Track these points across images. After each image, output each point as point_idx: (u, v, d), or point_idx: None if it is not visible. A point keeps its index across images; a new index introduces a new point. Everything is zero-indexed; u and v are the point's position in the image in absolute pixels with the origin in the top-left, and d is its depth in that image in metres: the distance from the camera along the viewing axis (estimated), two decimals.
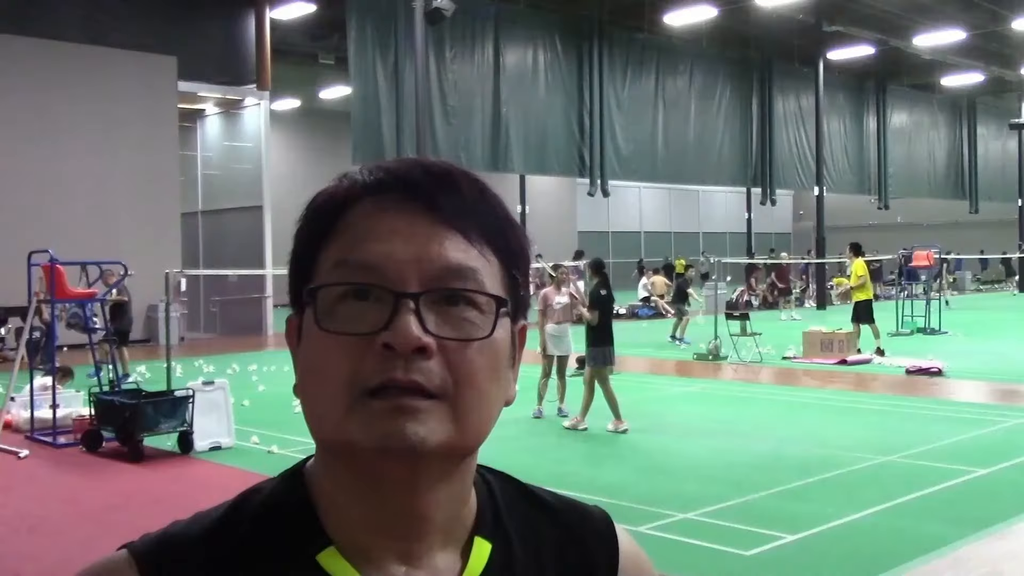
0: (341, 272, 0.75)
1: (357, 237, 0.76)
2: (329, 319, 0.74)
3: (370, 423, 0.72)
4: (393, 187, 0.77)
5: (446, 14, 18.66)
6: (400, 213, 0.76)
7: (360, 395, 0.72)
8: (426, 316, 0.73)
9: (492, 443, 2.87)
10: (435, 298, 0.74)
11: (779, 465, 8.19)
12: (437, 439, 0.72)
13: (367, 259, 0.74)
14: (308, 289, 0.76)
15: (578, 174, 25.70)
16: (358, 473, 0.75)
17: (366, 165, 0.81)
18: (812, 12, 26.61)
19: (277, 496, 0.80)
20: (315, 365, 0.75)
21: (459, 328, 0.74)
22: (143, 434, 8.75)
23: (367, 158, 20.16)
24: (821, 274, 28.28)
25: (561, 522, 0.88)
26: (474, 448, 0.78)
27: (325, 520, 0.78)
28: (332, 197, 0.79)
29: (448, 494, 0.77)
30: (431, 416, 0.72)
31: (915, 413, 10.80)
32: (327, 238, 0.77)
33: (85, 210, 18.78)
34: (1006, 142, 39.69)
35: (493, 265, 0.77)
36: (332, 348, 0.73)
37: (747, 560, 5.71)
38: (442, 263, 0.74)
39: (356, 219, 0.77)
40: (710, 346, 15.96)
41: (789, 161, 30.31)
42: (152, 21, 20.18)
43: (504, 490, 0.87)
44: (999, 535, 6.13)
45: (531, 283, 29.71)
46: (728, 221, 47.32)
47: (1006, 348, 17.11)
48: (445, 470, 0.76)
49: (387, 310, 0.72)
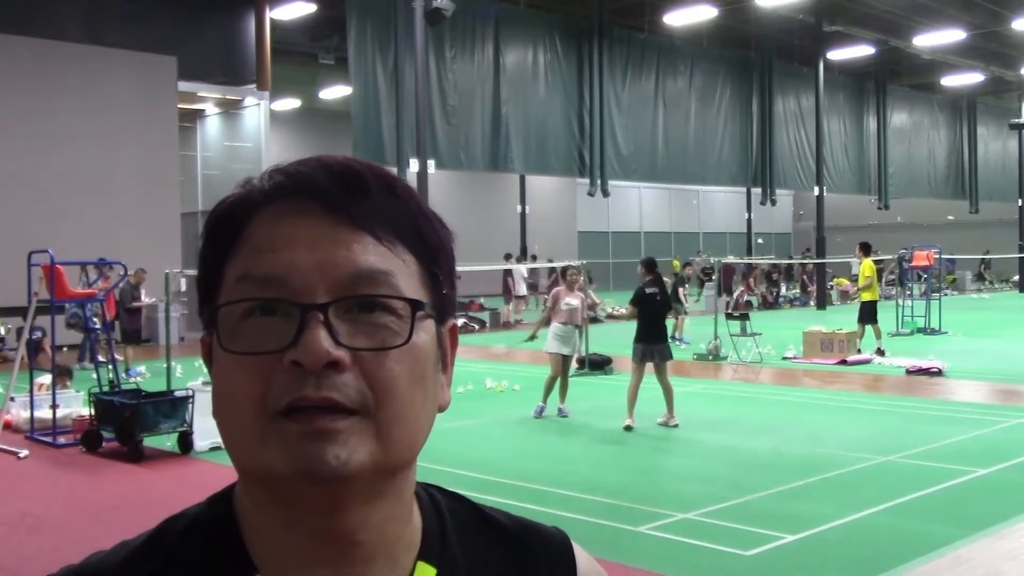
0: (244, 288, 0.70)
1: (258, 248, 0.71)
2: (233, 339, 0.69)
3: (286, 448, 0.67)
4: (293, 191, 0.72)
5: (446, 14, 18.65)
6: (302, 219, 0.71)
7: (272, 419, 0.67)
8: (337, 327, 0.68)
9: (491, 444, 2.88)
10: (346, 307, 0.69)
11: (779, 465, 8.19)
12: (359, 459, 0.67)
13: (269, 271, 0.69)
14: (209, 308, 0.71)
15: (578, 174, 25.70)
16: (279, 499, 0.70)
17: (266, 170, 0.76)
18: (812, 12, 26.62)
19: (201, 522, 0.76)
20: (224, 389, 0.70)
21: (375, 336, 0.69)
22: (143, 434, 8.75)
23: (367, 158, 19.73)
24: (821, 274, 28.28)
25: (516, 544, 0.84)
26: (404, 464, 0.72)
27: (251, 546, 0.73)
28: (231, 208, 0.74)
29: (381, 516, 0.72)
30: (351, 435, 0.67)
31: (915, 413, 10.80)
32: (230, 252, 0.72)
33: (85, 210, 18.77)
34: (1006, 142, 39.70)
35: (409, 265, 0.72)
36: (239, 370, 0.68)
37: (747, 560, 5.71)
38: (350, 268, 0.69)
39: (257, 229, 0.72)
40: (710, 346, 15.96)
41: (789, 161, 30.31)
42: (152, 21, 20.17)
43: (454, 512, 0.82)
44: (999, 535, 6.12)
45: (528, 282, 29.51)
46: (728, 221, 47.32)
47: (1006, 348, 17.12)
48: (373, 491, 0.71)
49: (294, 324, 0.67)
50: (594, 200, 29.18)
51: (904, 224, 42.88)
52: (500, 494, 7.21)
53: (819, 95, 28.61)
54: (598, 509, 6.82)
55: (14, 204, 17.96)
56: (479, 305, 25.61)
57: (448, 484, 0.86)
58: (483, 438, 9.61)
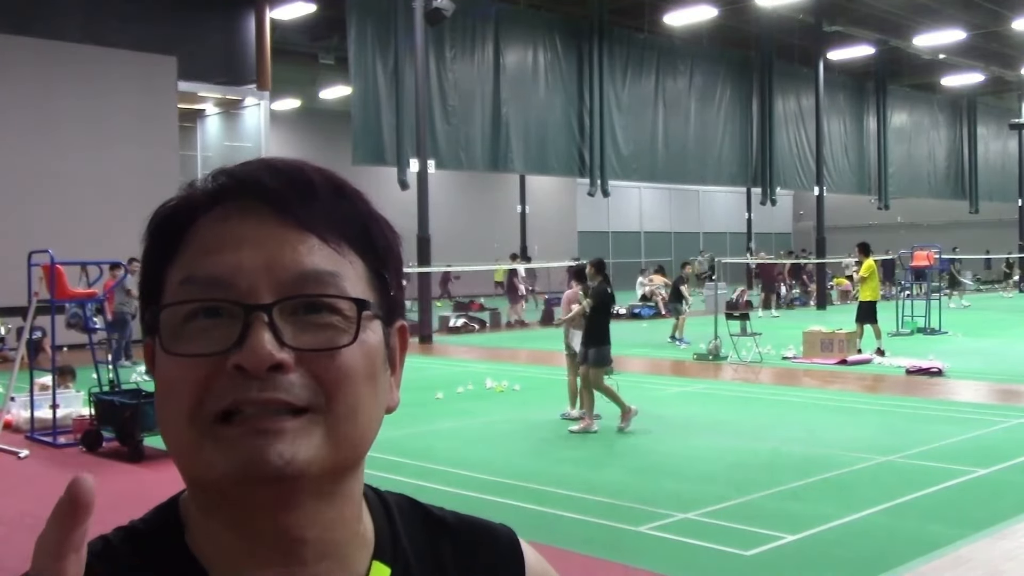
0: (187, 290, 0.69)
1: (202, 250, 0.70)
2: (175, 341, 0.68)
3: (227, 449, 0.66)
4: (239, 193, 0.71)
5: (446, 14, 18.67)
6: (248, 220, 0.70)
7: (212, 422, 0.66)
8: (282, 328, 0.67)
9: (490, 444, 2.89)
10: (291, 308, 0.68)
11: (779, 465, 8.18)
12: (305, 457, 0.66)
13: (213, 272, 0.68)
14: (151, 311, 0.70)
15: (578, 174, 25.71)
16: (224, 503, 0.69)
17: (212, 171, 0.74)
18: (812, 12, 26.63)
19: (149, 527, 0.75)
20: (165, 392, 0.69)
21: (321, 336, 0.68)
22: (143, 434, 8.74)
23: (367, 158, 20.19)
24: (821, 274, 28.29)
25: (463, 542, 0.84)
26: (352, 463, 0.71)
27: (200, 550, 0.72)
28: (175, 210, 0.73)
29: (329, 516, 0.71)
30: (299, 433, 0.66)
31: (915, 413, 10.80)
32: (172, 254, 0.71)
33: (85, 210, 18.77)
34: (1006, 142, 39.72)
35: (356, 266, 0.72)
36: (181, 372, 0.67)
37: (747, 560, 5.71)
38: (297, 269, 0.68)
39: (201, 231, 0.71)
40: (710, 346, 15.96)
41: (789, 161, 30.32)
42: (152, 21, 20.18)
43: (403, 512, 0.82)
44: (999, 535, 6.12)
45: (526, 285, 29.45)
46: (728, 221, 47.32)
47: (1006, 348, 17.12)
48: (322, 490, 0.70)
49: (238, 326, 0.66)
50: (594, 200, 29.19)
51: (904, 224, 42.89)
52: (500, 494, 7.22)
53: (819, 95, 28.61)
54: (598, 509, 6.82)
55: (14, 204, 17.96)
56: (479, 305, 25.60)
57: (448, 484, 0.86)
58: (483, 438, 9.60)
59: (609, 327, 9.89)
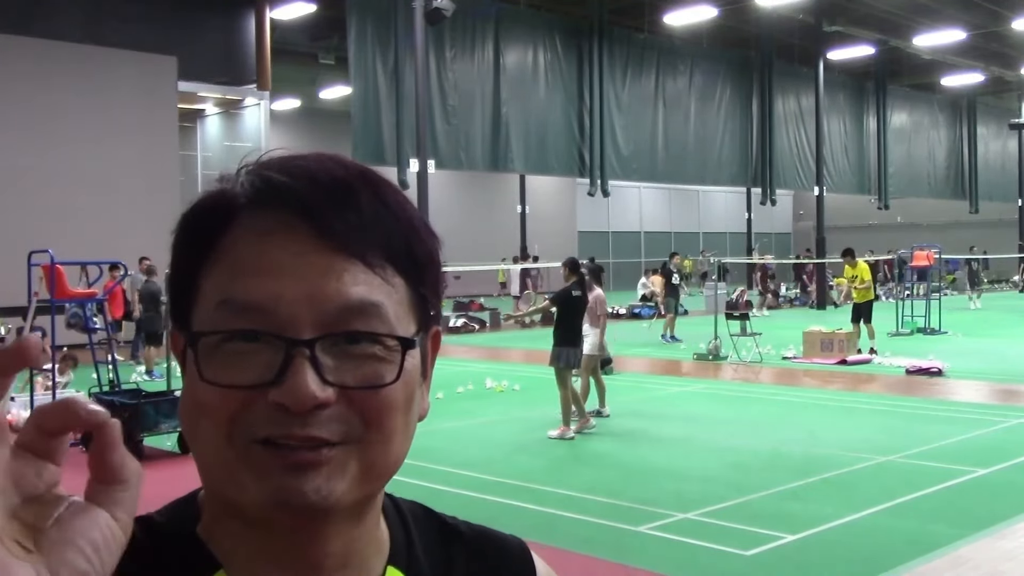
0: (224, 315, 0.66)
1: (240, 269, 0.67)
2: (212, 365, 0.66)
3: (263, 478, 0.65)
4: (276, 202, 0.68)
5: (446, 14, 18.67)
6: (287, 240, 0.67)
7: (247, 443, 0.65)
8: (324, 362, 0.65)
9: (491, 444, 2.89)
10: (333, 340, 0.66)
11: (779, 465, 8.19)
12: (341, 490, 0.66)
13: (252, 299, 0.66)
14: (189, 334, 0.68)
15: (578, 174, 25.72)
16: (250, 521, 0.68)
17: (245, 166, 0.71)
18: (812, 12, 26.63)
19: (166, 522, 0.74)
20: (198, 412, 0.67)
21: (362, 368, 0.66)
22: (143, 434, 8.75)
23: (367, 158, 20.17)
24: (821, 274, 28.29)
25: (476, 552, 0.83)
26: (383, 486, 0.72)
27: (217, 546, 0.71)
28: (210, 213, 0.70)
29: (354, 533, 0.72)
30: (334, 466, 0.65)
31: (915, 413, 10.80)
32: (206, 258, 0.69)
33: (85, 210, 18.77)
34: (1006, 142, 39.72)
35: (399, 290, 0.69)
36: (217, 399, 0.66)
37: (747, 560, 5.71)
38: (340, 302, 0.66)
39: (239, 244, 0.68)
40: (710, 346, 15.96)
41: (789, 161, 30.32)
42: (152, 21, 20.18)
43: (417, 520, 0.82)
44: (999, 535, 6.13)
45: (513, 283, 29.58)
46: (728, 221, 47.34)
47: (1006, 348, 17.12)
48: (353, 516, 0.70)
49: (278, 357, 0.64)
50: (594, 200, 29.20)
51: (904, 224, 42.90)
52: (500, 494, 7.22)
53: (819, 95, 28.61)
54: (598, 509, 6.82)
55: (14, 204, 17.95)
56: (479, 305, 25.60)
57: (448, 484, 0.86)
58: (483, 438, 9.60)
59: (576, 329, 9.71)
